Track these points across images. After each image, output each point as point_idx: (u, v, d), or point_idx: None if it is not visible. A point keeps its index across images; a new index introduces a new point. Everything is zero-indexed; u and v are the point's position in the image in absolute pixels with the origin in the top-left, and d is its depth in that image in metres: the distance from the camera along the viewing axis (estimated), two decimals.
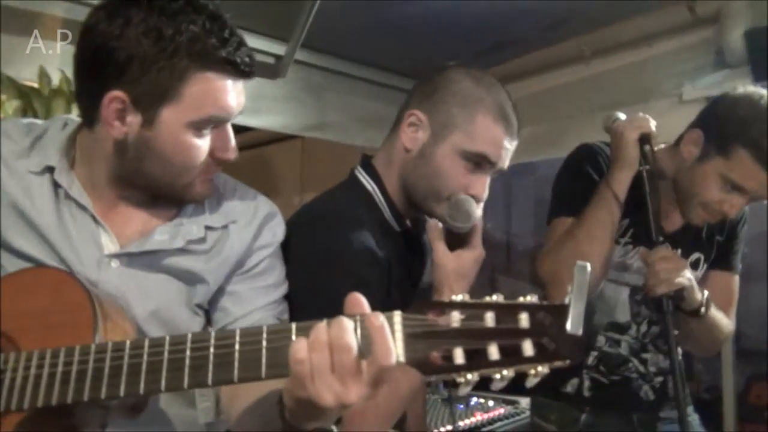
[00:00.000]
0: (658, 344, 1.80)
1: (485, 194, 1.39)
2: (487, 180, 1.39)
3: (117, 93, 1.02)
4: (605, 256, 1.59)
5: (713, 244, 1.80)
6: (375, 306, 0.83)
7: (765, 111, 1.54)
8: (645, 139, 1.54)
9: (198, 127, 1.06)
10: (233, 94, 1.07)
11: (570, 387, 1.80)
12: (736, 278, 1.84)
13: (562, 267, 1.57)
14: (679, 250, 1.68)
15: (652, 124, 1.57)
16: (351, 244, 1.30)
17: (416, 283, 1.50)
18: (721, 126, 1.58)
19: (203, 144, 1.09)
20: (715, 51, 2.64)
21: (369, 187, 1.44)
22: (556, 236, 1.68)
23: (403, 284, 1.41)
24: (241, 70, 1.06)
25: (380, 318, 0.78)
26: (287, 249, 1.32)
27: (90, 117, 1.09)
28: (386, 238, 1.38)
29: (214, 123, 1.08)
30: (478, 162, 1.36)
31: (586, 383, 1.79)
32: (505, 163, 1.40)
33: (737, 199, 1.59)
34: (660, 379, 1.81)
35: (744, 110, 1.56)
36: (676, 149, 1.68)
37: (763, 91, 1.59)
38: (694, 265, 1.77)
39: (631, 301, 1.78)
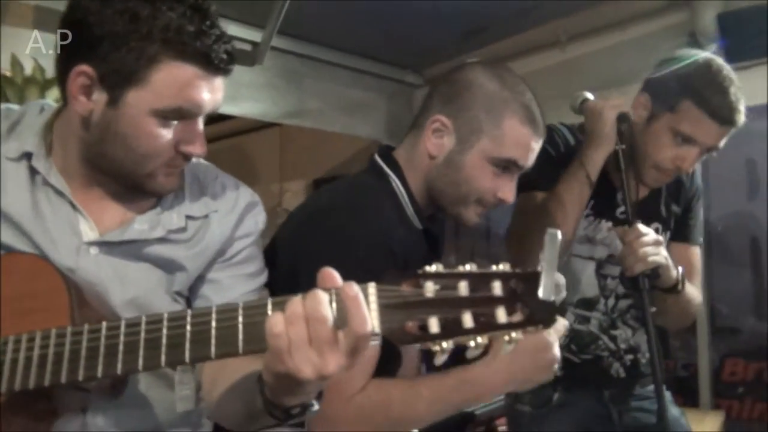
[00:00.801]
0: (627, 320, 1.83)
1: (513, 198, 1.39)
2: (515, 182, 1.39)
3: (84, 67, 1.01)
4: (571, 234, 1.61)
5: (671, 214, 1.85)
6: None
7: (703, 64, 1.61)
8: (623, 118, 1.56)
9: (163, 116, 1.04)
10: (206, 88, 1.05)
11: None
12: (697, 249, 1.88)
13: (531, 243, 1.58)
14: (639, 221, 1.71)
15: (628, 104, 1.59)
16: (370, 236, 1.28)
17: None
18: (665, 84, 1.64)
19: (167, 134, 1.06)
20: (688, 34, 2.68)
21: (393, 182, 1.41)
22: (518, 210, 1.71)
23: None
24: (214, 65, 1.04)
25: (354, 287, 0.79)
26: (304, 235, 1.32)
27: (64, 92, 1.08)
28: (407, 235, 1.36)
29: (182, 115, 1.06)
30: (506, 166, 1.36)
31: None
32: (532, 162, 1.39)
33: (689, 152, 1.62)
34: (631, 356, 1.83)
35: (684, 66, 1.63)
36: None
37: (698, 51, 1.68)
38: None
39: (598, 275, 1.80)
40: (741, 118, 1.59)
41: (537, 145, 1.38)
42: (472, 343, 0.72)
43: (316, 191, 1.46)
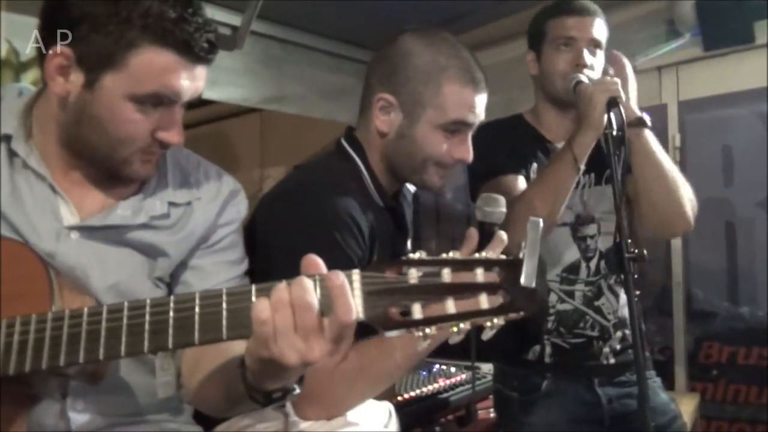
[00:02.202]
0: (612, 285, 1.84)
1: (470, 156, 1.43)
2: (468, 139, 1.43)
3: (62, 48, 1.01)
4: (555, 217, 1.62)
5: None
6: None
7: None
8: (613, 102, 1.56)
9: (139, 101, 1.04)
10: (185, 75, 1.04)
11: (532, 354, 1.82)
12: None
13: (512, 223, 1.59)
14: (593, 174, 1.80)
15: (620, 88, 1.60)
16: (337, 214, 1.31)
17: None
18: (532, 28, 1.87)
19: (143, 120, 1.06)
20: (666, 21, 2.70)
21: (356, 164, 1.46)
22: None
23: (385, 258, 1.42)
24: (194, 53, 1.03)
25: (340, 276, 0.79)
26: (273, 212, 1.33)
27: (43, 73, 1.07)
28: (371, 212, 1.39)
29: (159, 101, 1.05)
30: (456, 128, 1.40)
31: (548, 349, 1.81)
32: (482, 116, 1.43)
33: (575, 50, 1.76)
34: (620, 334, 1.83)
35: (540, 12, 1.87)
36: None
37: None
38: (609, 180, 1.80)
39: (576, 239, 1.82)
40: (597, 10, 1.79)
41: (482, 100, 1.42)
42: (454, 329, 0.73)
43: (286, 175, 1.49)
